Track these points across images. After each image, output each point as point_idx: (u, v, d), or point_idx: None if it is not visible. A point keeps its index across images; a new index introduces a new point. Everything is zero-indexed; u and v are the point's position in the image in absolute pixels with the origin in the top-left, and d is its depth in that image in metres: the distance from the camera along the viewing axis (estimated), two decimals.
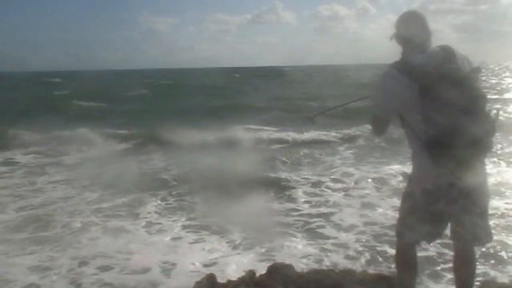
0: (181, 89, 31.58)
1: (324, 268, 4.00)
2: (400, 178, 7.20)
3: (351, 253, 4.65)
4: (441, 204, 2.24)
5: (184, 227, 5.57)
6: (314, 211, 6.05)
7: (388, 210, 5.82)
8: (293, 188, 7.18)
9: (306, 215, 5.87)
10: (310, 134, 12.21)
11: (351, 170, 8.32)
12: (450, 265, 2.53)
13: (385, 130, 2.42)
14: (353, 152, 10.33)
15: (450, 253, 2.50)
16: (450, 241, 2.45)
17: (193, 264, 4.48)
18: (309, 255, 4.59)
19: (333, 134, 12.28)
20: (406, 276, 2.51)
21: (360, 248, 4.74)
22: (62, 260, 4.59)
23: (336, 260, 4.48)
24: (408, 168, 2.57)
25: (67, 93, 26.95)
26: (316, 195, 6.79)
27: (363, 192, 6.82)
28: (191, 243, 5.07)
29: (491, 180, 6.61)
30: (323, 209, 6.09)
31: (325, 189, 7.07)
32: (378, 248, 4.71)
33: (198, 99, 23.27)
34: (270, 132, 13.66)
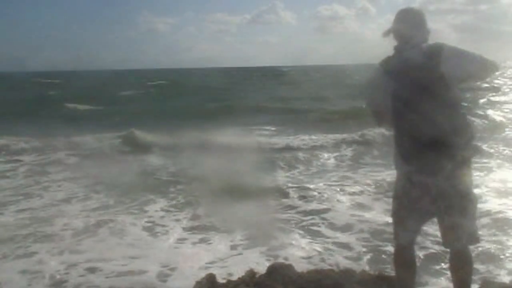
0: (177, 89, 31.20)
1: (324, 268, 3.99)
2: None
3: (351, 252, 4.65)
4: (423, 203, 2.28)
5: (183, 227, 5.57)
6: (313, 210, 6.05)
7: (385, 210, 5.83)
8: (291, 187, 7.18)
9: (305, 214, 5.87)
10: (308, 136, 12.10)
11: (349, 172, 8.31)
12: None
13: (383, 122, 2.47)
14: (353, 152, 10.29)
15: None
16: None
17: (192, 264, 4.47)
18: (309, 255, 4.59)
19: (332, 136, 12.09)
20: (405, 276, 2.52)
21: (360, 248, 4.74)
22: (54, 262, 4.56)
23: (337, 259, 4.47)
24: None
25: (61, 94, 26.49)
26: (315, 195, 6.78)
27: (360, 192, 6.82)
28: (190, 243, 5.06)
29: (488, 180, 6.72)
30: (322, 209, 6.09)
31: (323, 189, 7.07)
32: (378, 248, 4.71)
33: (195, 99, 22.88)
34: (268, 133, 13.62)
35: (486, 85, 23.16)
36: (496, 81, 28.65)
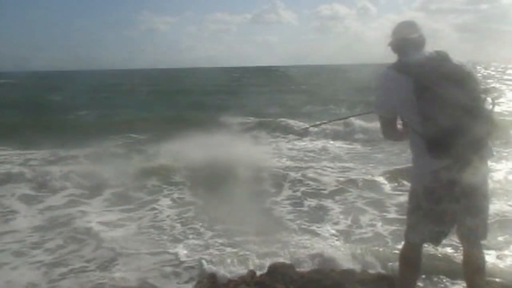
0: (166, 91, 29.88)
1: (325, 268, 4.00)
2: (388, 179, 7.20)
3: (352, 251, 4.64)
4: (445, 203, 2.28)
5: (183, 226, 5.58)
6: (312, 210, 6.06)
7: (384, 212, 5.85)
8: (290, 188, 7.14)
9: (304, 214, 5.88)
10: (304, 143, 11.85)
11: (346, 174, 8.27)
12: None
13: (393, 133, 2.51)
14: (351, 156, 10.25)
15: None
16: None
17: (193, 263, 4.48)
18: (310, 254, 4.58)
19: (330, 142, 11.46)
20: (407, 276, 2.54)
21: (360, 248, 4.74)
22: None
23: (337, 258, 4.46)
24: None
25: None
26: (313, 194, 6.80)
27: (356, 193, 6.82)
28: (190, 242, 5.07)
29: (493, 179, 6.70)
30: (321, 207, 6.11)
31: (322, 189, 7.07)
32: (378, 248, 4.70)
33: (182, 101, 21.24)
34: (265, 135, 13.39)
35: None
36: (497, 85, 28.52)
